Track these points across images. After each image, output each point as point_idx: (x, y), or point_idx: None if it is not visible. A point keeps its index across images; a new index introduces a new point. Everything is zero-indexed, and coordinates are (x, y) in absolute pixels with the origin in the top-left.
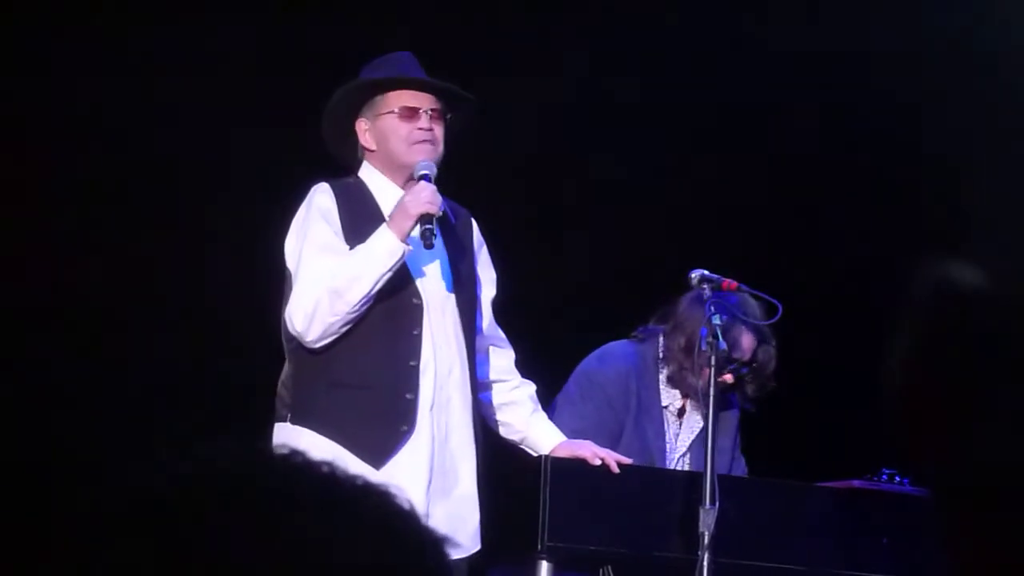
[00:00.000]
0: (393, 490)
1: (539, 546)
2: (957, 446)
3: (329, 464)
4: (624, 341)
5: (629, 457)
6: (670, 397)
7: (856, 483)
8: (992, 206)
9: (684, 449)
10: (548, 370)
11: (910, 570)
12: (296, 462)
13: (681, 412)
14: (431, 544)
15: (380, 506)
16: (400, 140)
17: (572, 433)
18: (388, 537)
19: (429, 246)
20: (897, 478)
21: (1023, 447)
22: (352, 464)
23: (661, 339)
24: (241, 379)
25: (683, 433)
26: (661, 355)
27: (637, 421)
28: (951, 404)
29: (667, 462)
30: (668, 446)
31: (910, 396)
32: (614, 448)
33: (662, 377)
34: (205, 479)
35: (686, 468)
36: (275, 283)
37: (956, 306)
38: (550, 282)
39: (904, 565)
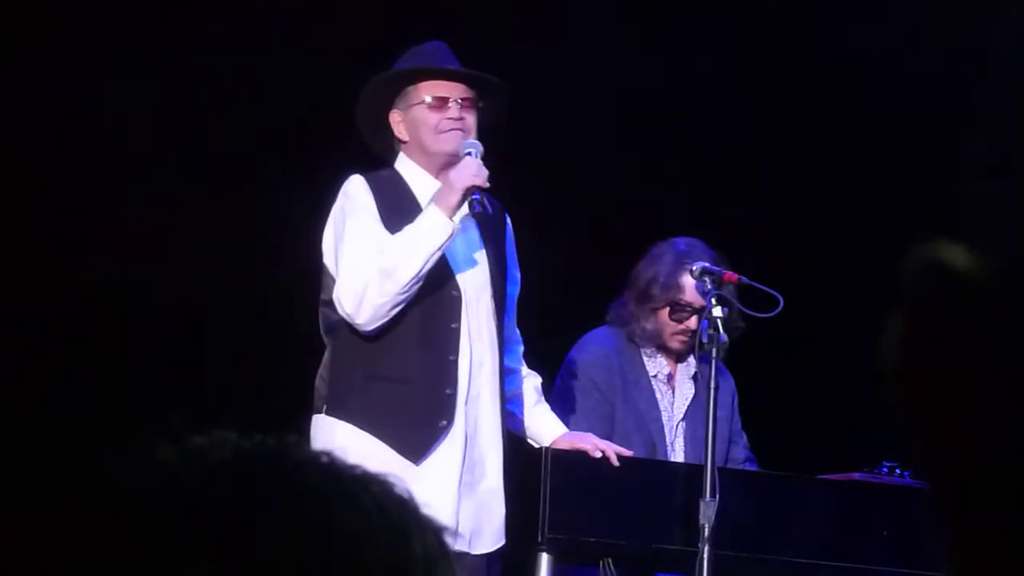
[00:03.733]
0: (392, 479)
1: (539, 538)
2: (952, 440)
3: (328, 454)
4: (601, 327)
5: (625, 431)
6: (656, 366)
7: (856, 476)
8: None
9: (680, 415)
10: (547, 365)
11: (910, 563)
12: (296, 451)
13: (670, 379)
14: (432, 532)
15: (380, 495)
16: (430, 130)
17: (567, 425)
18: (388, 526)
19: (476, 215)
20: (897, 471)
21: (1016, 441)
22: (390, 459)
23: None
24: (241, 376)
25: (677, 400)
26: (622, 321)
27: (626, 396)
28: (946, 397)
29: (664, 430)
30: (664, 414)
31: (904, 389)
32: (611, 428)
33: (643, 348)
34: (202, 470)
35: (681, 436)
36: (290, 278)
37: (948, 292)
38: (548, 278)
39: (904, 558)
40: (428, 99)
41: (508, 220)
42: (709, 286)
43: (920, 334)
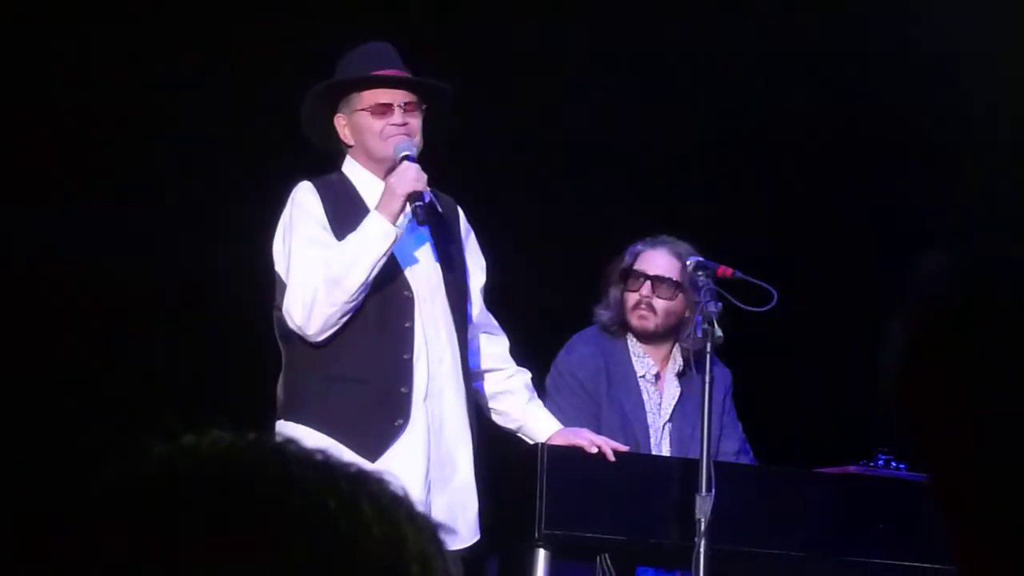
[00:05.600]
0: (387, 477)
1: (536, 534)
2: (958, 437)
3: (323, 452)
4: (590, 327)
5: (610, 432)
6: (644, 366)
7: (852, 469)
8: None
9: (667, 416)
10: (543, 363)
11: (906, 556)
12: (291, 449)
13: (657, 378)
14: (427, 530)
15: (375, 493)
16: (374, 136)
17: None
18: (384, 523)
19: (422, 222)
20: (893, 463)
21: (1015, 443)
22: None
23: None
24: (239, 376)
25: (664, 400)
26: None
27: (611, 396)
28: (951, 396)
29: (649, 431)
30: (650, 416)
31: (910, 386)
32: (598, 428)
33: (631, 347)
34: (200, 468)
35: (667, 438)
36: (271, 282)
37: (959, 293)
38: (544, 274)
39: (900, 551)
40: (370, 106)
41: (461, 213)
42: (703, 281)
43: (922, 340)
